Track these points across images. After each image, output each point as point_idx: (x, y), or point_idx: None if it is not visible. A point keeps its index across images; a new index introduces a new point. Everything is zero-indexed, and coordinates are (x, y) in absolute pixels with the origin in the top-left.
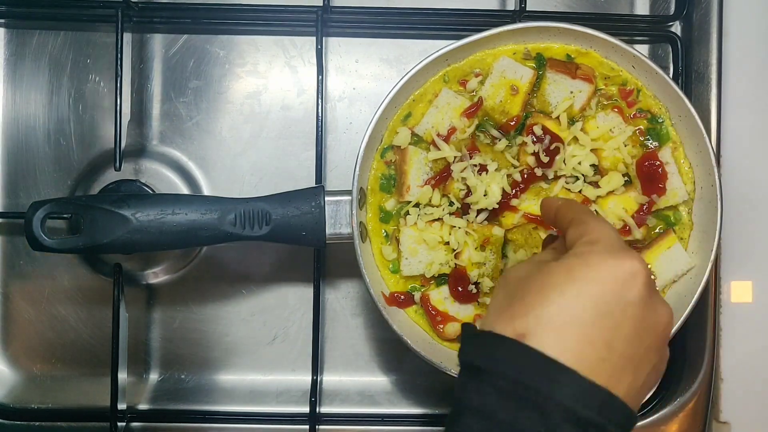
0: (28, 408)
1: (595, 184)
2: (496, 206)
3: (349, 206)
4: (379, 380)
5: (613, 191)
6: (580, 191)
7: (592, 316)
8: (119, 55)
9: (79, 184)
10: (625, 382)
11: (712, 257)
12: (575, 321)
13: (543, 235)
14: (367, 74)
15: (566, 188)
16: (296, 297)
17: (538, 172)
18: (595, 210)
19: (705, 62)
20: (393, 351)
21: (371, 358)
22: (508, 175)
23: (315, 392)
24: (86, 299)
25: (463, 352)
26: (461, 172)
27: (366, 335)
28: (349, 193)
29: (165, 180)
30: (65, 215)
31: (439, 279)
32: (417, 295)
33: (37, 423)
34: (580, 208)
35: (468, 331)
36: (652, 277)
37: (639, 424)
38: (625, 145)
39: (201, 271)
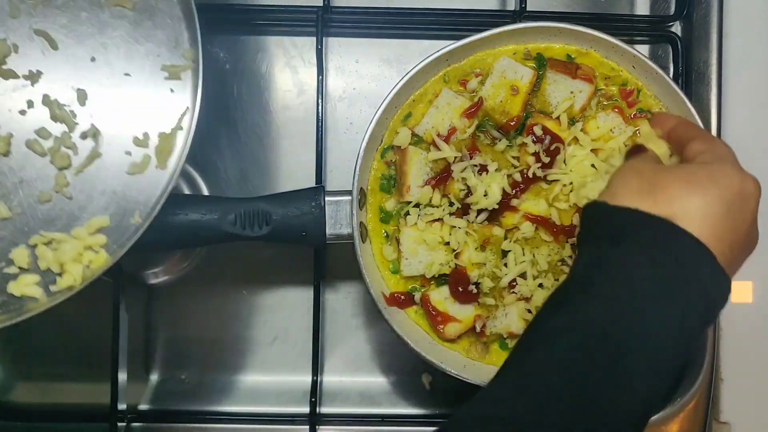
0: (28, 408)
1: None
2: (496, 206)
3: (349, 206)
4: (379, 380)
5: None
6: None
7: (725, 217)
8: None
9: None
10: (731, 274)
11: None
12: (713, 217)
13: (544, 236)
14: (367, 74)
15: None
16: (296, 297)
17: (539, 172)
18: None
19: (705, 62)
20: (393, 351)
21: (371, 359)
22: (509, 175)
23: (315, 392)
24: (86, 299)
25: (601, 225)
26: (461, 172)
27: (366, 335)
28: (349, 193)
29: None
30: None
31: (440, 279)
32: (417, 296)
33: (37, 423)
34: (699, 128)
35: (605, 207)
36: None
37: None
38: (626, 146)
39: (201, 271)
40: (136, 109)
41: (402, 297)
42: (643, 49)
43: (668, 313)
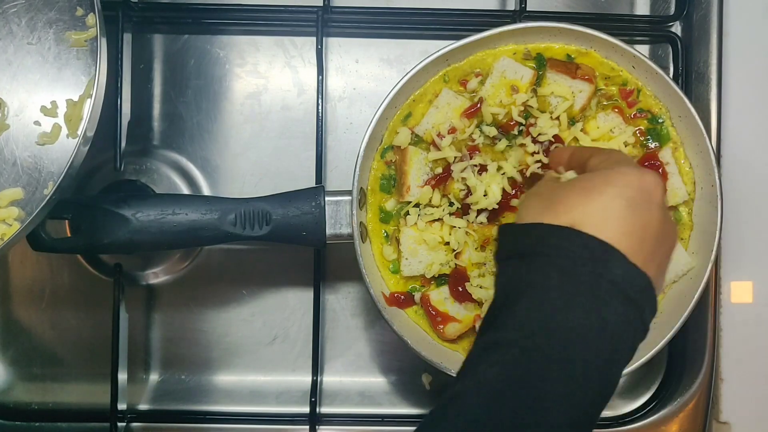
0: (28, 408)
1: None
2: (496, 206)
3: (349, 206)
4: (379, 380)
5: None
6: None
7: (628, 213)
8: (119, 55)
9: (79, 184)
10: (651, 271)
11: (712, 257)
12: (615, 215)
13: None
14: (367, 74)
15: None
16: (296, 297)
17: (539, 173)
18: None
19: (705, 62)
20: (393, 351)
21: (371, 359)
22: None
23: (315, 392)
24: (86, 299)
25: (509, 244)
26: (461, 172)
27: (366, 336)
28: (349, 193)
29: (165, 180)
30: (65, 215)
31: (440, 279)
32: (417, 296)
33: (37, 423)
34: (593, 147)
35: (511, 227)
36: None
37: (639, 424)
38: (626, 146)
39: (201, 271)
40: (42, 79)
41: (402, 297)
42: (643, 49)
43: (580, 316)
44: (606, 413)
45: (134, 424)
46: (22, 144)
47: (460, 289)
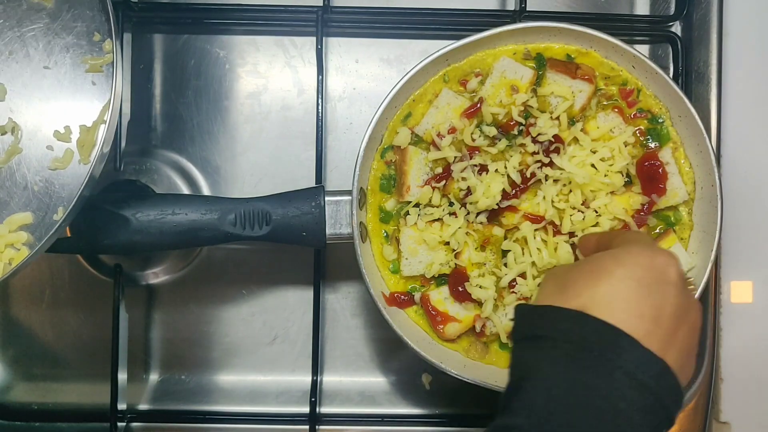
0: (28, 408)
1: None
2: (496, 206)
3: (349, 206)
4: (379, 380)
5: (614, 191)
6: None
7: (639, 294)
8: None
9: None
10: (672, 355)
11: (712, 257)
12: (625, 297)
13: (545, 237)
14: (367, 74)
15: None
16: (296, 297)
17: (539, 173)
18: (595, 210)
19: (705, 62)
20: (393, 351)
21: (371, 359)
22: (508, 176)
23: (315, 392)
24: (86, 299)
25: (522, 326)
26: (461, 172)
27: (366, 335)
28: (349, 193)
29: (165, 180)
30: None
31: (439, 279)
32: (417, 296)
33: (37, 423)
34: (617, 231)
35: (524, 308)
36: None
37: None
38: (626, 145)
39: (201, 271)
40: (56, 103)
41: (402, 297)
42: (643, 49)
43: (584, 402)
44: None
45: (134, 424)
46: (34, 168)
47: (460, 289)
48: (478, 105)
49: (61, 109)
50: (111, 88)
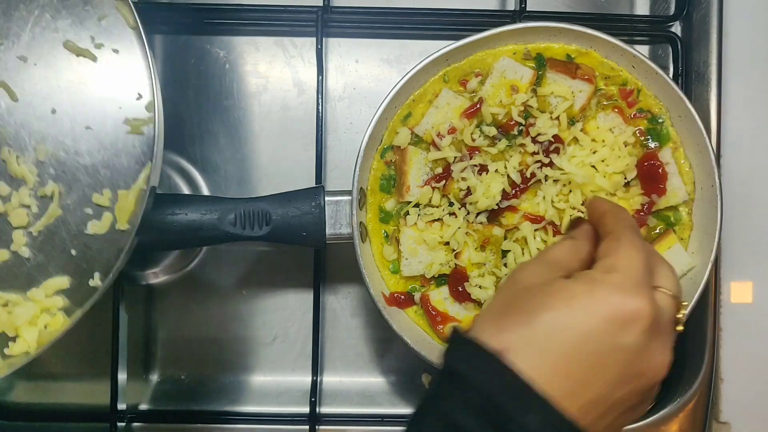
0: (28, 408)
1: None
2: (496, 207)
3: (349, 206)
4: (379, 380)
5: (613, 191)
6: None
7: (577, 350)
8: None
9: None
10: (595, 418)
11: (712, 257)
12: (558, 349)
13: (545, 237)
14: (367, 74)
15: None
16: (296, 297)
17: (539, 173)
18: None
19: (705, 62)
20: (393, 351)
21: (371, 359)
22: (508, 176)
23: (315, 392)
24: None
25: (447, 353)
26: (461, 172)
27: (366, 335)
28: (349, 193)
29: (165, 180)
30: None
31: (439, 279)
32: (417, 296)
33: (37, 423)
34: (624, 222)
35: (455, 334)
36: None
37: (639, 424)
38: (626, 145)
39: (201, 271)
40: (97, 165)
41: (402, 297)
42: (643, 49)
43: None
44: None
45: (134, 424)
46: (73, 232)
47: (460, 289)
48: (478, 105)
49: (101, 172)
50: (153, 151)
